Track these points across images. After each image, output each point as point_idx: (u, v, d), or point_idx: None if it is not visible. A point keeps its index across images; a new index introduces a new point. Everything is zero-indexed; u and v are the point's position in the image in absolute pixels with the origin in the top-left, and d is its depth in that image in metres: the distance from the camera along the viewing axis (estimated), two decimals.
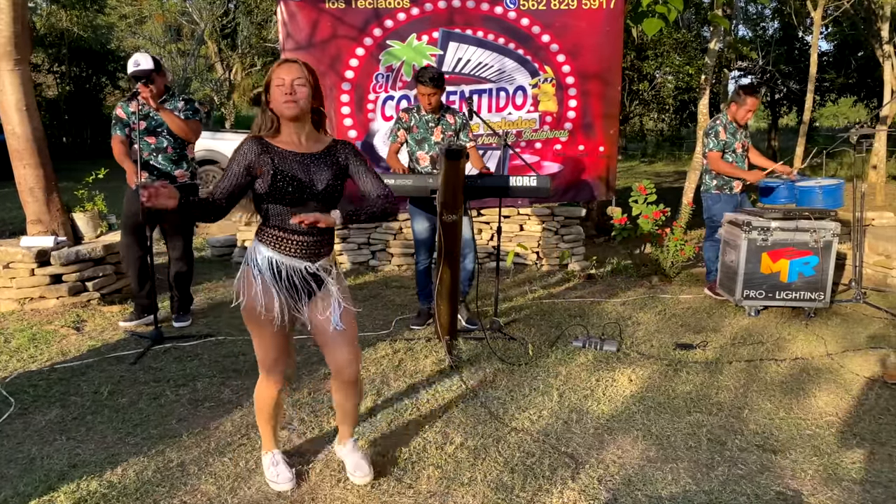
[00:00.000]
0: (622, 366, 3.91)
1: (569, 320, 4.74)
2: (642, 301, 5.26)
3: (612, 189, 6.51)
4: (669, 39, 9.27)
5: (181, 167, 4.39)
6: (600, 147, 6.34)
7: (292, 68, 2.36)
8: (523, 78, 6.14)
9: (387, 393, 3.52)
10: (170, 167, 4.34)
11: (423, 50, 6.00)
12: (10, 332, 4.36)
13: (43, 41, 19.67)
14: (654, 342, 4.33)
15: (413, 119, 4.43)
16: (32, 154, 4.94)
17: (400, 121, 4.48)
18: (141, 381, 3.67)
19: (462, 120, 4.44)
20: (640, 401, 3.46)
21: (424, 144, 4.40)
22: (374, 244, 6.39)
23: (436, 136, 4.39)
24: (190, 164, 4.45)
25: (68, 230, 5.09)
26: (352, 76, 5.97)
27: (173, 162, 4.35)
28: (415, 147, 4.44)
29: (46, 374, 3.75)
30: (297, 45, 5.88)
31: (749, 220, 4.81)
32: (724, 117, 5.29)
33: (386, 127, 6.07)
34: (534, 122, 6.18)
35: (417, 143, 4.42)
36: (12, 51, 4.75)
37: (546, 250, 6.35)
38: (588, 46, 6.15)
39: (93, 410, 3.31)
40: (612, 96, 6.33)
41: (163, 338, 4.23)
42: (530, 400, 3.45)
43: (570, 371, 3.82)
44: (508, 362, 3.92)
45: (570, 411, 3.33)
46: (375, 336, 4.41)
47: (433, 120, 4.40)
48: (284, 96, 2.33)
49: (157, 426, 3.16)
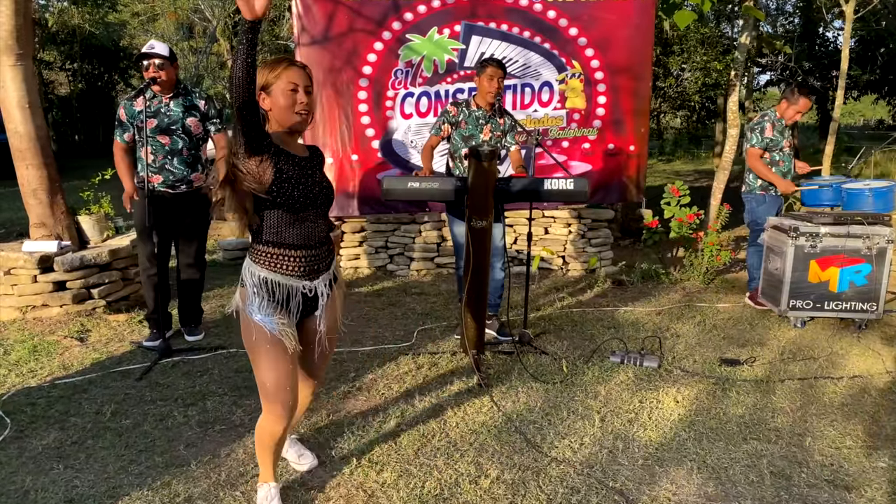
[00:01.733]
0: (666, 384, 3.61)
1: (602, 332, 4.43)
2: (678, 310, 4.94)
3: (641, 190, 6.19)
4: (696, 34, 8.92)
5: (197, 170, 4.08)
6: (630, 146, 6.02)
7: (302, 74, 2.13)
8: (549, 73, 5.83)
9: (411, 415, 3.23)
10: (185, 171, 4.02)
11: (445, 44, 5.71)
12: (11, 343, 4.11)
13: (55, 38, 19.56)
14: (696, 357, 4.02)
15: (462, 114, 4.14)
16: (36, 154, 4.68)
17: (447, 114, 4.20)
18: (147, 400, 3.40)
19: (511, 121, 4.17)
20: (689, 426, 3.15)
21: (472, 142, 4.11)
22: (392, 248, 6.11)
23: (484, 135, 4.10)
24: (205, 166, 4.15)
25: (73, 234, 4.84)
26: (369, 72, 5.68)
27: (188, 165, 4.03)
28: (460, 144, 4.15)
29: (46, 391, 3.49)
30: (312, 40, 5.60)
31: (796, 225, 4.48)
32: (773, 114, 4.97)
33: (405, 125, 5.79)
34: (561, 119, 5.88)
35: (464, 140, 4.14)
36: (14, 45, 4.49)
37: (573, 254, 6.05)
38: (618, 39, 5.83)
39: (94, 433, 3.05)
40: (643, 92, 6.01)
41: (171, 351, 3.97)
42: (569, 425, 3.15)
43: (611, 391, 3.52)
44: (542, 381, 3.63)
45: (615, 438, 3.03)
46: (397, 349, 4.12)
47: (484, 117, 4.12)
48: (299, 105, 2.12)
49: (163, 452, 2.89)
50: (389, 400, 3.40)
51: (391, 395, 3.46)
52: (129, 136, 4.02)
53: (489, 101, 4.11)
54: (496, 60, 4.04)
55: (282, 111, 2.10)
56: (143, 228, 3.99)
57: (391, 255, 6.11)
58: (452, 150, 4.23)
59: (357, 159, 5.78)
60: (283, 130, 2.16)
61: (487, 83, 4.02)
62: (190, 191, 4.04)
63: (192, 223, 4.11)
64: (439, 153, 5.26)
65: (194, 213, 4.09)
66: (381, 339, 4.33)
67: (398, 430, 3.10)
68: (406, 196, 3.65)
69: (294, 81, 2.09)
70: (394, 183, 3.64)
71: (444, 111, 4.24)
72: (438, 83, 5.75)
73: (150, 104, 3.90)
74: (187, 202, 4.04)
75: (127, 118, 3.99)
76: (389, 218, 6.04)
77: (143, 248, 4.05)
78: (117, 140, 4.05)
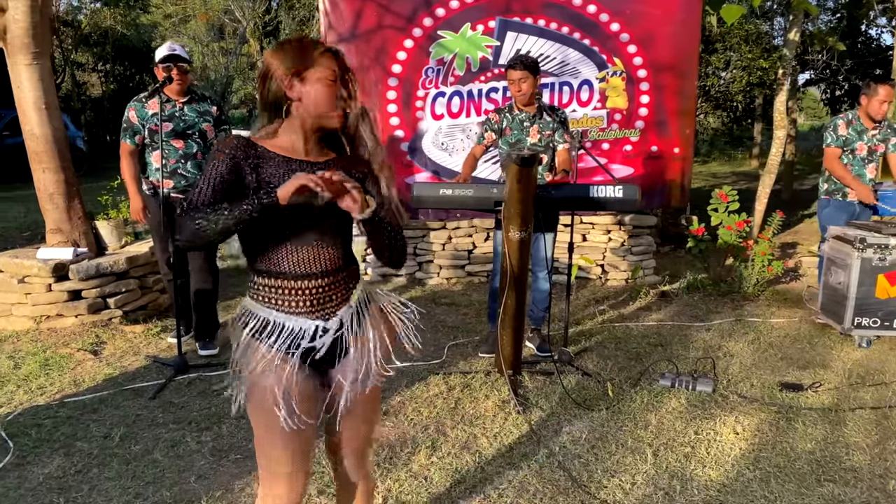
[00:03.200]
0: (722, 412, 3.27)
1: (649, 350, 4.10)
2: (729, 326, 4.58)
3: (686, 195, 5.82)
4: (740, 31, 8.50)
5: None
6: (675, 148, 5.66)
7: (336, 61, 1.69)
8: (589, 71, 5.50)
9: (444, 446, 2.94)
10: (198, 175, 3.81)
11: (478, 41, 5.41)
12: (22, 356, 3.92)
13: (88, 40, 19.67)
14: (753, 381, 3.67)
15: (505, 120, 3.85)
16: (53, 157, 4.49)
17: (489, 122, 3.91)
18: (159, 423, 3.16)
19: (560, 118, 3.86)
20: (753, 463, 2.82)
21: (520, 147, 3.81)
22: (420, 255, 5.83)
23: (532, 137, 3.80)
24: None
25: (90, 240, 4.65)
26: (399, 70, 5.41)
27: (201, 168, 3.83)
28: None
29: (54, 411, 3.28)
30: (339, 37, 5.34)
31: (863, 235, 4.10)
32: (852, 113, 4.60)
33: (435, 126, 5.50)
34: (601, 119, 5.54)
35: (510, 147, 3.83)
36: (30, 43, 4.30)
37: (612, 263, 5.71)
38: (662, 36, 5.47)
39: (100, 461, 2.82)
40: (689, 91, 5.64)
41: (187, 366, 3.74)
42: (618, 460, 2.83)
43: (662, 420, 3.19)
44: (586, 407, 3.31)
45: (671, 477, 2.71)
46: (427, 367, 3.84)
47: (528, 119, 3.82)
48: (340, 100, 1.68)
49: (173, 485, 2.64)
50: (419, 427, 3.12)
51: (420, 420, 3.18)
52: (140, 138, 3.83)
53: (524, 103, 3.81)
54: (520, 60, 3.71)
55: (317, 105, 1.66)
56: (159, 234, 3.79)
57: (420, 263, 5.83)
58: (502, 160, 3.94)
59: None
60: (304, 126, 1.69)
61: (511, 87, 3.75)
62: None
63: None
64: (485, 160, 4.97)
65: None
66: (410, 355, 4.04)
67: (429, 463, 2.81)
68: (438, 204, 3.37)
69: (333, 69, 1.67)
70: (425, 190, 3.37)
71: (487, 119, 3.96)
72: (471, 82, 5.45)
73: (165, 107, 3.69)
74: None
75: (138, 120, 3.80)
76: (418, 224, 5.76)
77: (160, 253, 3.88)
78: (126, 142, 3.86)
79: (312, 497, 2.55)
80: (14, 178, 12.21)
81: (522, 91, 3.72)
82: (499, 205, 3.25)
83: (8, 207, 9.42)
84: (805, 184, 13.28)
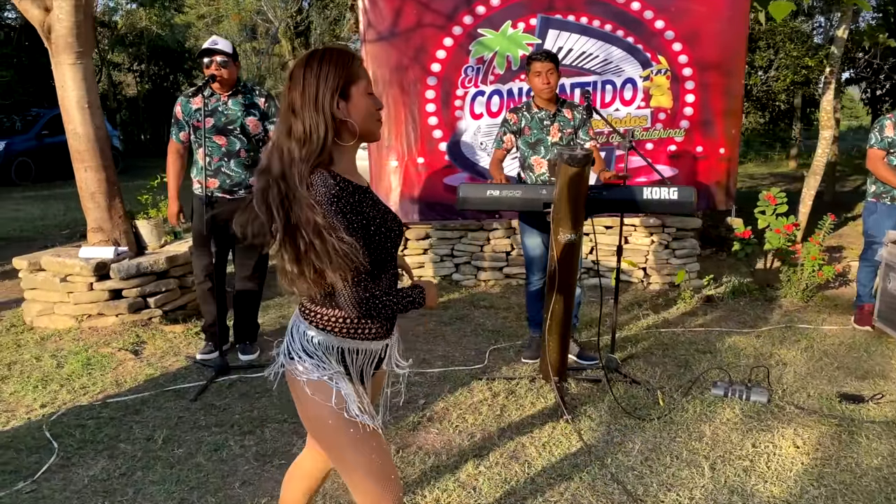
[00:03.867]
0: (780, 424, 3.13)
1: (698, 357, 3.97)
2: (780, 333, 4.42)
3: (732, 197, 5.67)
4: (785, 28, 8.26)
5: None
6: (720, 148, 5.51)
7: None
8: (633, 69, 5.37)
9: (491, 456, 2.86)
10: (243, 174, 3.75)
11: (519, 39, 5.32)
12: (64, 355, 3.92)
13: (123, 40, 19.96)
14: (810, 391, 3.52)
15: (523, 119, 3.72)
16: (95, 156, 4.51)
17: (507, 123, 3.77)
18: (201, 425, 3.13)
19: (582, 115, 3.72)
20: (817, 479, 2.68)
21: (540, 147, 3.69)
22: (458, 256, 5.74)
23: (553, 136, 3.67)
24: None
25: (131, 239, 4.65)
26: (438, 69, 5.33)
27: (247, 168, 3.74)
28: (528, 152, 3.73)
29: (97, 411, 3.26)
30: (378, 36, 5.29)
31: None
32: None
33: (475, 126, 5.42)
34: (644, 119, 5.41)
35: (531, 147, 3.72)
36: (74, 42, 4.31)
37: (654, 266, 5.57)
38: (708, 33, 5.33)
39: (144, 464, 2.78)
40: (735, 90, 5.49)
41: (228, 368, 3.70)
42: (674, 473, 2.72)
43: (717, 431, 3.07)
44: (637, 416, 3.20)
45: (731, 492, 2.59)
46: (469, 373, 3.75)
47: (548, 117, 3.69)
48: (377, 111, 1.64)
49: (217, 491, 2.60)
50: (464, 434, 3.04)
51: (466, 428, 3.10)
52: (185, 135, 3.78)
53: (546, 98, 3.69)
54: (543, 52, 3.61)
55: (364, 119, 1.60)
56: (201, 238, 3.73)
57: (457, 265, 5.75)
58: (521, 160, 3.82)
59: (423, 162, 5.45)
60: (352, 145, 1.62)
61: (536, 80, 3.60)
62: (249, 196, 3.76)
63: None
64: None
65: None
66: (451, 359, 3.97)
67: (476, 472, 2.73)
68: (485, 205, 3.28)
69: (369, 81, 1.64)
70: (470, 191, 3.28)
71: (504, 121, 3.82)
72: (511, 81, 5.36)
73: (208, 102, 3.64)
74: None
75: (183, 116, 3.75)
76: (456, 225, 5.68)
77: (198, 259, 3.80)
78: (172, 139, 3.82)
79: None
80: (54, 176, 12.44)
81: (551, 84, 3.59)
82: (547, 206, 3.16)
83: (48, 206, 9.55)
84: (846, 185, 12.92)
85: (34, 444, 2.95)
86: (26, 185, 12.26)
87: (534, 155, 3.70)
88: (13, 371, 3.73)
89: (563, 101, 3.74)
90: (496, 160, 3.80)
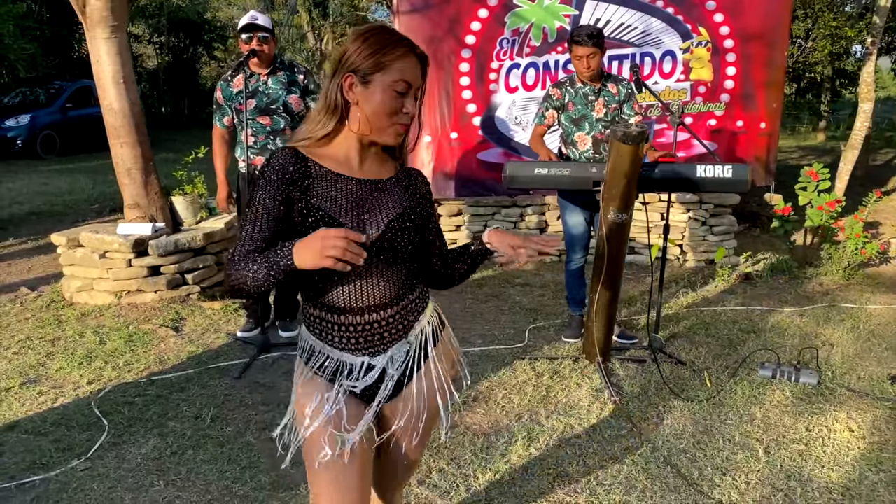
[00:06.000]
0: (832, 407, 3.08)
1: (742, 337, 3.91)
2: (823, 313, 4.34)
3: (772, 173, 5.56)
4: None
5: None
6: (761, 123, 5.38)
7: (419, 70, 1.47)
8: (672, 41, 5.23)
9: (540, 437, 2.83)
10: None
11: (556, 10, 5.19)
12: (106, 332, 3.94)
13: (143, 12, 19.84)
14: (860, 372, 3.46)
15: (567, 94, 3.62)
16: (130, 132, 4.48)
17: (549, 98, 3.66)
18: (247, 404, 3.14)
19: (627, 89, 3.60)
20: (876, 465, 2.64)
21: (584, 123, 3.60)
22: None
23: (597, 112, 3.58)
24: None
25: (167, 215, 4.64)
26: (473, 41, 5.23)
27: None
28: (571, 128, 3.64)
29: (143, 389, 3.28)
30: (411, 7, 5.19)
31: None
32: None
33: (510, 100, 5.33)
34: (684, 92, 5.28)
35: (574, 123, 3.63)
36: (108, 16, 4.26)
37: (691, 243, 5.48)
38: (751, 3, 5.18)
39: (194, 443, 2.80)
40: (778, 62, 5.34)
41: (270, 345, 3.71)
42: (728, 457, 2.69)
43: (768, 414, 3.02)
44: (685, 398, 3.16)
45: (787, 477, 2.55)
46: (510, 352, 3.73)
47: (593, 91, 3.59)
48: (402, 115, 1.46)
49: (269, 471, 2.61)
50: (511, 415, 3.02)
51: (512, 408, 3.08)
52: (229, 119, 3.74)
53: (589, 78, 3.59)
54: (585, 34, 3.40)
55: (377, 116, 1.44)
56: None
57: None
58: (564, 136, 3.73)
59: (457, 137, 5.38)
60: (360, 137, 1.49)
61: (578, 63, 3.48)
62: None
63: None
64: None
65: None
66: (491, 338, 3.95)
67: (527, 454, 2.71)
68: (533, 184, 3.22)
69: (407, 79, 1.44)
70: (518, 169, 3.21)
71: (547, 95, 3.69)
72: (548, 53, 5.25)
73: (248, 83, 3.58)
74: None
75: (225, 101, 3.70)
76: (489, 201, 5.62)
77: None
78: (216, 125, 3.77)
79: (412, 487, 2.48)
80: (78, 149, 12.47)
81: (591, 68, 3.46)
82: (597, 185, 3.09)
83: (75, 179, 9.58)
84: (877, 159, 12.65)
85: (84, 421, 2.97)
86: (51, 158, 12.31)
87: (578, 131, 3.61)
88: (57, 347, 3.76)
89: (608, 75, 3.64)
90: (537, 136, 3.72)
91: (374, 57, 1.41)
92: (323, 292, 1.49)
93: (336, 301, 1.49)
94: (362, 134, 1.47)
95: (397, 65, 1.42)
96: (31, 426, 2.93)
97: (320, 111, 1.49)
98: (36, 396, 3.19)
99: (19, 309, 4.38)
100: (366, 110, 1.44)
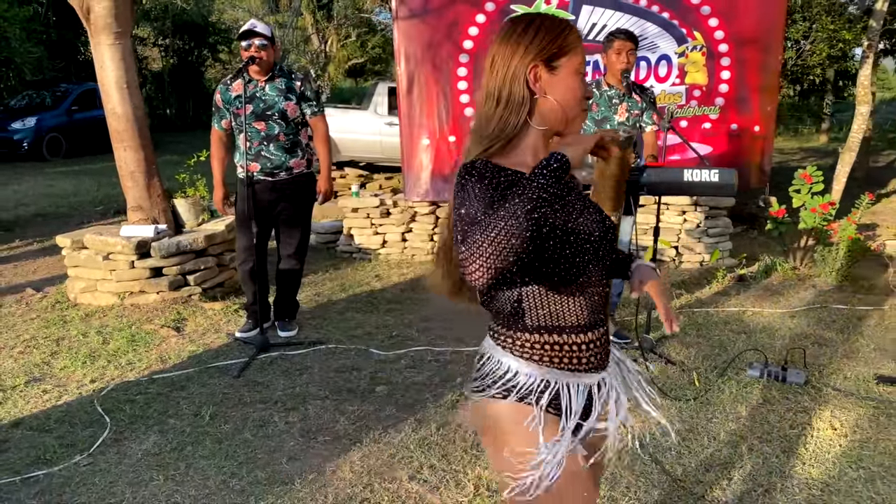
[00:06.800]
0: (817, 406, 3.15)
1: (732, 338, 3.97)
2: (814, 314, 4.40)
3: (766, 175, 5.62)
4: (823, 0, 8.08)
5: (296, 156, 3.81)
6: (755, 126, 5.45)
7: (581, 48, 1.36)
8: (668, 45, 5.31)
9: None
10: (283, 157, 3.77)
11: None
12: (109, 331, 4.03)
13: (148, 15, 19.99)
14: (846, 372, 3.52)
15: (593, 96, 3.74)
16: (133, 136, 4.58)
17: None
18: (246, 402, 3.22)
19: (650, 98, 3.75)
20: (856, 462, 2.70)
21: (606, 125, 3.70)
22: None
23: (620, 115, 3.69)
24: (305, 151, 3.88)
25: (169, 217, 4.74)
26: (471, 46, 5.31)
27: (286, 151, 3.77)
28: (593, 128, 3.74)
29: (145, 387, 3.37)
30: (410, 12, 5.28)
31: None
32: None
33: None
34: (679, 96, 5.36)
35: (597, 125, 3.72)
36: (112, 23, 4.37)
37: (687, 245, 5.55)
38: (746, 8, 5.25)
39: (193, 439, 2.88)
40: (772, 66, 5.41)
41: (269, 345, 3.79)
42: (712, 454, 2.76)
43: (754, 413, 3.09)
44: (673, 397, 3.23)
45: (769, 473, 2.62)
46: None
47: (618, 96, 3.70)
48: (586, 102, 1.38)
49: (265, 466, 2.69)
50: None
51: None
52: (227, 122, 3.83)
53: (620, 78, 3.69)
54: (624, 31, 3.63)
55: (568, 103, 1.33)
56: (244, 218, 3.79)
57: None
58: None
59: (455, 141, 5.46)
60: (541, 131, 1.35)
61: (616, 58, 3.61)
62: (290, 178, 3.81)
63: (294, 211, 3.89)
64: None
65: (295, 201, 3.87)
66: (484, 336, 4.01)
67: None
68: None
69: (584, 60, 1.35)
70: None
71: None
72: None
73: (246, 89, 3.67)
74: (287, 189, 3.82)
75: (223, 104, 3.79)
76: None
77: (241, 238, 3.87)
78: (215, 127, 3.86)
79: (403, 482, 2.56)
80: (84, 151, 12.60)
81: (630, 62, 3.63)
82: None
83: (80, 182, 9.71)
84: (879, 161, 12.68)
85: (87, 418, 3.06)
86: (57, 160, 12.44)
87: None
88: (62, 346, 3.85)
89: (635, 84, 3.76)
90: None
91: (558, 40, 1.30)
92: (566, 311, 1.36)
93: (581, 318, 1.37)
94: (550, 127, 1.35)
95: (578, 46, 1.34)
96: (35, 423, 3.02)
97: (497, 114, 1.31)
98: (41, 394, 3.28)
99: (25, 309, 4.48)
100: (558, 99, 1.32)
